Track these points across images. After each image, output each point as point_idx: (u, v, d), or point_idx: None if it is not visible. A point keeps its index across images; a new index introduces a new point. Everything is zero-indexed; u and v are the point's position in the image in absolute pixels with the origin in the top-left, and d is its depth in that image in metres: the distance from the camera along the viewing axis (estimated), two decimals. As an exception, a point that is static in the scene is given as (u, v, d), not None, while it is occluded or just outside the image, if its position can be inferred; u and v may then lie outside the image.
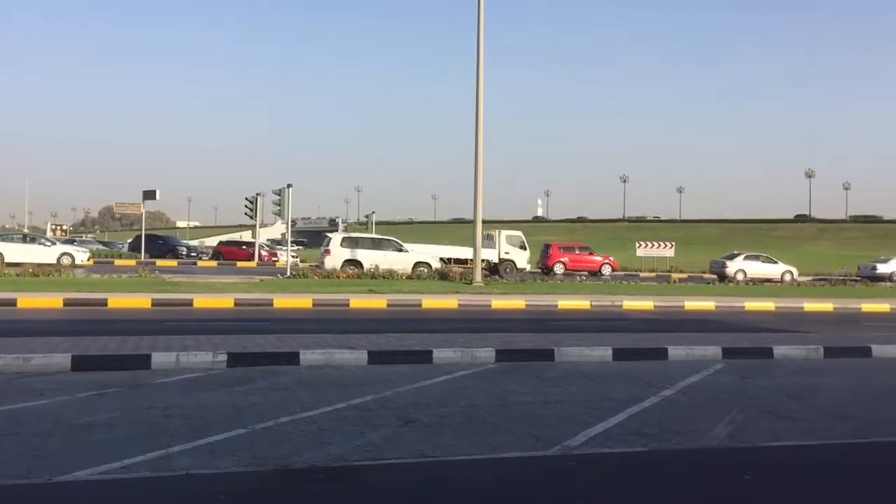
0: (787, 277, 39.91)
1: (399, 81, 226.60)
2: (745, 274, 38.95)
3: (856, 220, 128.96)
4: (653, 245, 48.05)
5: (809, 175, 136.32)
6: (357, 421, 7.04)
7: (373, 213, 46.47)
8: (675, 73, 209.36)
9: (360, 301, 19.92)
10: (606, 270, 40.87)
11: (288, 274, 28.91)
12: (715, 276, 39.81)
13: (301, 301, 19.60)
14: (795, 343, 12.54)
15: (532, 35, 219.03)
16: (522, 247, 37.87)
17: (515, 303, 20.96)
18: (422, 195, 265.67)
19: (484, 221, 28.92)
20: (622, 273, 44.47)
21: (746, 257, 41.06)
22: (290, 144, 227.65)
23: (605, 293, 24.48)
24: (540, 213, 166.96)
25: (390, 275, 27.53)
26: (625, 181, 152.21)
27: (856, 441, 6.88)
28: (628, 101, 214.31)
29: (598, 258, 42.28)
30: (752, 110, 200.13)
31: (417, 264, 31.00)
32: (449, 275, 29.40)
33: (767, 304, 22.27)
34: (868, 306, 22.83)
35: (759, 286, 32.29)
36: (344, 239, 31.94)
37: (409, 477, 5.57)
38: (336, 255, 30.53)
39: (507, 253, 37.21)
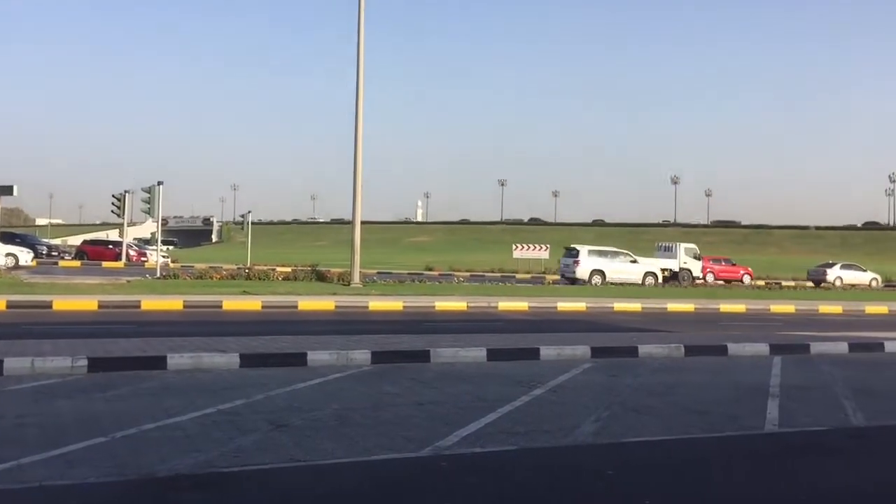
0: (874, 284, 44.86)
1: (278, 80, 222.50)
2: (842, 280, 44.17)
3: (716, 224, 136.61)
4: (529, 248, 49.19)
5: (675, 181, 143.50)
6: (226, 426, 6.86)
7: (249, 212, 45.45)
8: (550, 79, 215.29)
9: (234, 303, 19.44)
10: (746, 279, 44.76)
11: (158, 275, 27.92)
12: (811, 283, 44.35)
13: (171, 303, 18.93)
14: (659, 342, 13.12)
15: (413, 37, 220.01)
16: (697, 257, 41.74)
17: (393, 304, 20.98)
18: (301, 195, 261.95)
19: (364, 223, 28.89)
20: (499, 275, 45.41)
21: (842, 266, 46.47)
22: (163, 141, 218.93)
23: (481, 294, 24.88)
24: (419, 215, 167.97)
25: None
26: (503, 184, 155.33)
27: (712, 435, 7.25)
28: (507, 105, 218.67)
29: (739, 269, 46.47)
30: (624, 116, 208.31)
31: (646, 274, 36.26)
32: (326, 276, 29.14)
33: (634, 305, 23.20)
34: (726, 307, 24.15)
35: (624, 287, 33.60)
36: (591, 251, 36.40)
37: (279, 482, 5.46)
38: (585, 264, 35.14)
39: (685, 263, 40.63)
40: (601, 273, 35.12)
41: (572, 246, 38.17)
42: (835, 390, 9.67)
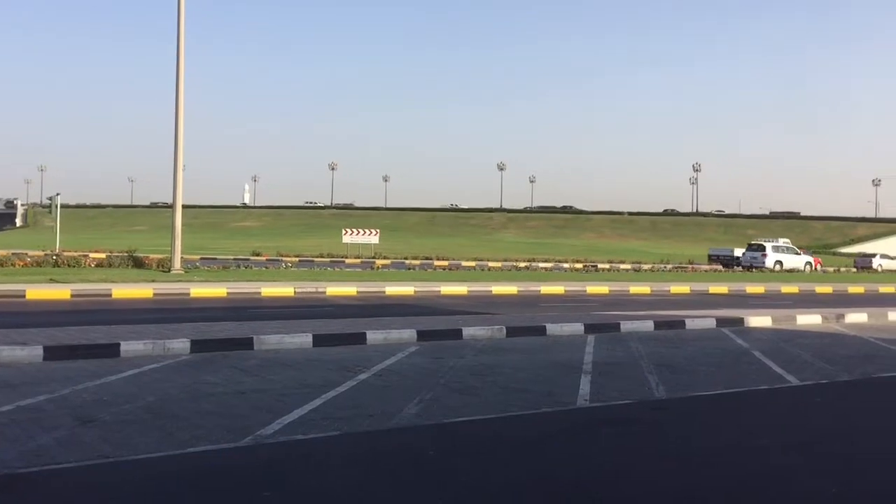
0: None
1: (91, 55, 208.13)
2: (882, 267, 54.31)
3: (539, 210, 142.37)
4: (359, 232, 49.14)
5: (501, 168, 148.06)
6: (26, 424, 6.38)
7: (57, 195, 42.02)
8: (382, 65, 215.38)
9: (39, 292, 18.07)
10: (818, 268, 50.24)
11: (-50, 262, 25.46)
12: (856, 269, 54.10)
13: (-35, 293, 17.31)
14: (482, 324, 13.48)
15: (241, 11, 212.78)
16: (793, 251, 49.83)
17: (216, 291, 20.28)
18: (117, 178, 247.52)
19: (188, 206, 27.75)
20: (328, 260, 45.05)
21: (881, 256, 57.13)
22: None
23: (309, 279, 24.57)
24: (247, 199, 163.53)
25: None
26: (333, 169, 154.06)
27: (529, 412, 7.53)
28: (338, 87, 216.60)
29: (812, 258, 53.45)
30: (452, 103, 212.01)
31: (805, 263, 46.57)
32: (145, 262, 27.73)
33: (461, 289, 23.72)
34: (547, 289, 25.19)
35: (455, 272, 34.38)
36: (773, 247, 46.38)
37: (84, 481, 5.14)
38: (770, 257, 44.91)
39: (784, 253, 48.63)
40: (780, 263, 45.00)
41: (757, 242, 48.32)
42: (641, 366, 10.35)
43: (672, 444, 6.45)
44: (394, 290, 22.66)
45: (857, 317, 17.13)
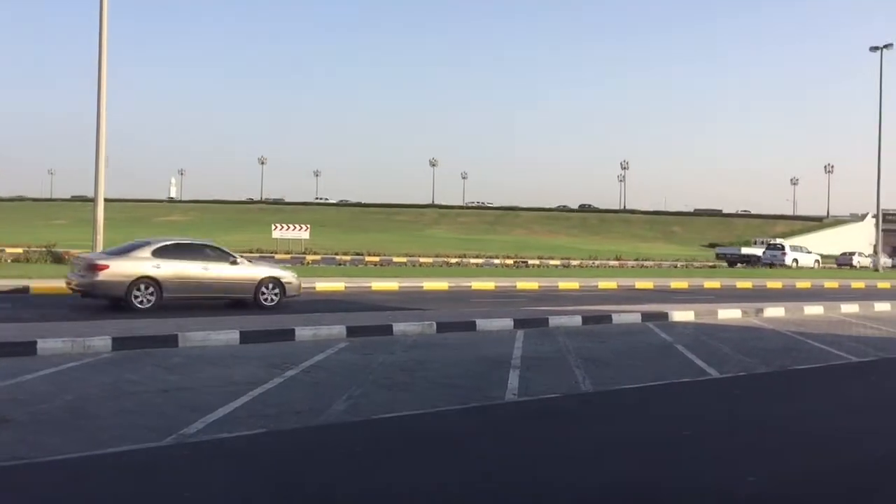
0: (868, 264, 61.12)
1: (7, 39, 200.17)
2: (860, 263, 58.92)
3: (470, 206, 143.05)
4: (289, 227, 48.57)
5: (433, 164, 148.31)
6: (-67, 426, 6.10)
7: (-28, 187, 40.46)
8: (311, 57, 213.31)
9: (-49, 288, 17.30)
10: (817, 264, 55.39)
11: None
12: (837, 266, 59.35)
13: None
14: (413, 320, 13.47)
15: (163, 5, 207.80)
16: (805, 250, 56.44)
17: (141, 287, 19.69)
18: (35, 169, 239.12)
19: (111, 200, 26.95)
20: (257, 255, 44.33)
21: (858, 254, 62.08)
22: None
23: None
24: (174, 192, 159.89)
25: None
26: (263, 163, 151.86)
27: (458, 407, 7.57)
28: (266, 82, 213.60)
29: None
30: (384, 98, 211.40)
31: (815, 260, 53.47)
32: (65, 257, 26.82)
33: (392, 285, 23.64)
34: (477, 285, 25.31)
35: (386, 268, 34.28)
36: (791, 246, 54.20)
37: (-4, 484, 4.94)
38: (789, 255, 51.45)
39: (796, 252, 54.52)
40: (796, 260, 51.23)
41: (777, 242, 56.17)
42: (568, 360, 10.50)
43: (597, 436, 6.57)
44: (324, 285, 22.43)
45: (774, 311, 17.72)
